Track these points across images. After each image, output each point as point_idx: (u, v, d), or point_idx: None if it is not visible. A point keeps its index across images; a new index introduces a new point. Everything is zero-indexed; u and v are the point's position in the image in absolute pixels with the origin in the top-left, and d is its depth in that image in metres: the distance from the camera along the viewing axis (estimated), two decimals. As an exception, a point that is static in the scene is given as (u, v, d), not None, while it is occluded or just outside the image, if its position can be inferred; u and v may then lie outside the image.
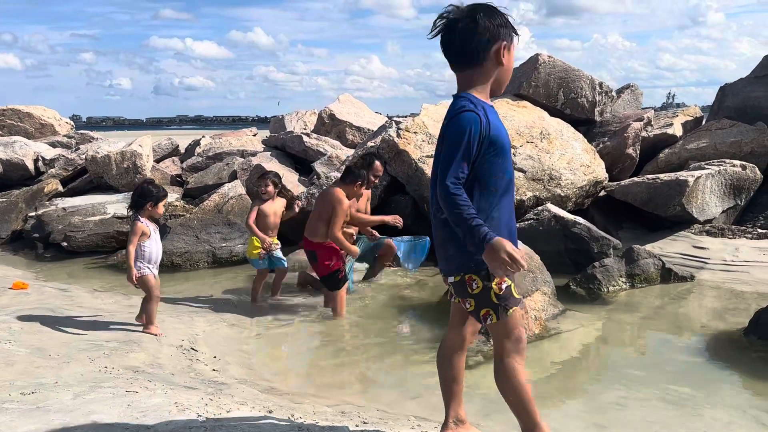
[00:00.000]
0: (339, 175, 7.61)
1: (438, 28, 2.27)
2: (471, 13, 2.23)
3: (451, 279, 2.36)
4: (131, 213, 4.49)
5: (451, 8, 2.26)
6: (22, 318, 4.43)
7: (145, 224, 4.36)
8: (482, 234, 2.14)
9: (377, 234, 6.25)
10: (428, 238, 4.46)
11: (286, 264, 5.79)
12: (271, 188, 5.65)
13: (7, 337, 3.90)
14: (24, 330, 4.11)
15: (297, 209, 5.88)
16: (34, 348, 3.72)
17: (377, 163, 5.99)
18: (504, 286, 2.28)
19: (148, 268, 4.37)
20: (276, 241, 5.67)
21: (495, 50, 2.24)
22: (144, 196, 4.39)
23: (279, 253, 5.69)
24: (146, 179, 5.04)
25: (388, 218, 6.05)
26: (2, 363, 3.38)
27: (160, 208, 4.48)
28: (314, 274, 5.65)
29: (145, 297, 4.40)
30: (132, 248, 4.28)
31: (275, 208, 5.69)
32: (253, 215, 5.60)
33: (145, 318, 4.40)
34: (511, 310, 2.28)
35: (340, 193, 5.22)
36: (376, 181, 6.12)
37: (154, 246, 4.41)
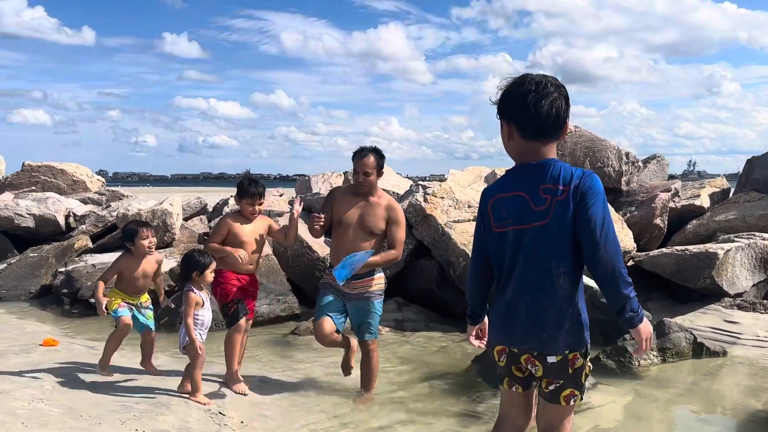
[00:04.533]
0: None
1: (532, 100, 2.24)
2: (560, 87, 2.27)
3: (552, 359, 2.27)
4: (183, 284, 4.41)
5: (542, 79, 2.26)
6: (54, 376, 4.45)
7: (197, 294, 4.31)
8: (639, 306, 2.21)
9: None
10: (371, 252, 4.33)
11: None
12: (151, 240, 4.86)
13: (39, 396, 3.91)
14: (55, 389, 4.13)
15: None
16: (66, 408, 3.73)
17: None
18: (589, 366, 2.31)
19: (200, 335, 4.31)
20: (145, 297, 4.96)
21: (566, 126, 2.33)
22: (190, 267, 4.34)
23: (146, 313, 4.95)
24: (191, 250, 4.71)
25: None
26: (36, 423, 3.39)
27: (208, 276, 4.38)
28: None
29: (190, 364, 4.32)
30: (190, 320, 4.22)
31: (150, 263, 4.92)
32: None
33: (190, 386, 4.30)
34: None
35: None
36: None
37: (207, 314, 4.36)
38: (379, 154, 4.49)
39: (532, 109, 2.23)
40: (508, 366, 2.41)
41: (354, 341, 4.82)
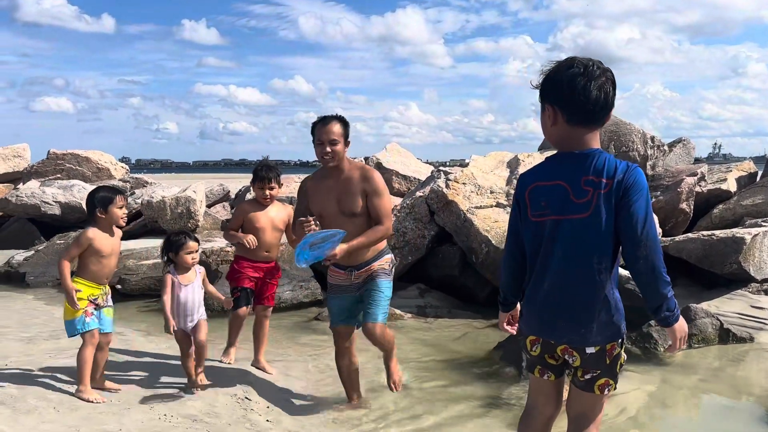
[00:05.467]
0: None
1: (580, 83, 2.18)
2: (608, 71, 2.21)
3: (590, 350, 2.26)
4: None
5: (589, 62, 2.20)
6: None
7: (174, 276, 4.12)
8: (676, 305, 2.21)
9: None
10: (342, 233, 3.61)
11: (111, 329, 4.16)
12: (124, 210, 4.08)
13: (70, 381, 3.99)
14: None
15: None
16: (96, 393, 3.80)
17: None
18: (624, 356, 2.32)
19: (185, 320, 4.14)
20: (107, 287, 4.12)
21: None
22: (164, 248, 4.21)
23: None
24: (177, 231, 4.52)
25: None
26: (67, 408, 3.47)
27: (184, 257, 4.12)
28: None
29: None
30: (165, 297, 4.05)
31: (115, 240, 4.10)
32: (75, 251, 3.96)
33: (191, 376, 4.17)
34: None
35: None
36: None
37: (190, 297, 4.14)
38: (343, 122, 3.97)
39: (581, 92, 2.16)
40: (542, 355, 2.39)
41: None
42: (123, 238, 9.72)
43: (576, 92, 2.17)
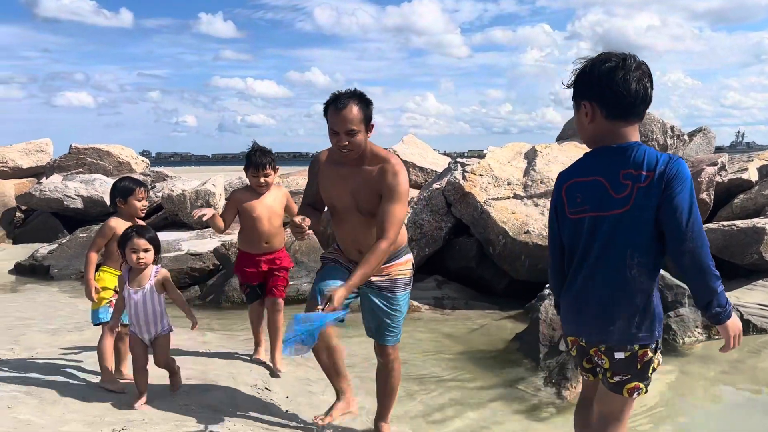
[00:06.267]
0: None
1: (617, 77, 2.13)
2: (643, 65, 2.16)
3: (620, 355, 2.19)
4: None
5: (625, 56, 2.16)
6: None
7: (124, 276, 3.60)
8: (728, 301, 2.12)
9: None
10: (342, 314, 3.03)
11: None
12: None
13: (95, 371, 4.08)
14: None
15: None
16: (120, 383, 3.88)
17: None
18: (658, 360, 2.25)
19: (132, 326, 3.60)
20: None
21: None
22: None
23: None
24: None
25: None
26: (92, 398, 3.55)
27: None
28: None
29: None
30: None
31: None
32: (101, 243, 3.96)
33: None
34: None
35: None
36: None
37: (131, 307, 3.54)
38: (363, 101, 3.14)
39: (620, 85, 2.11)
40: (579, 357, 2.38)
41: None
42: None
43: (614, 86, 2.12)
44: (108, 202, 11.00)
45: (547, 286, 5.50)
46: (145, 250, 3.51)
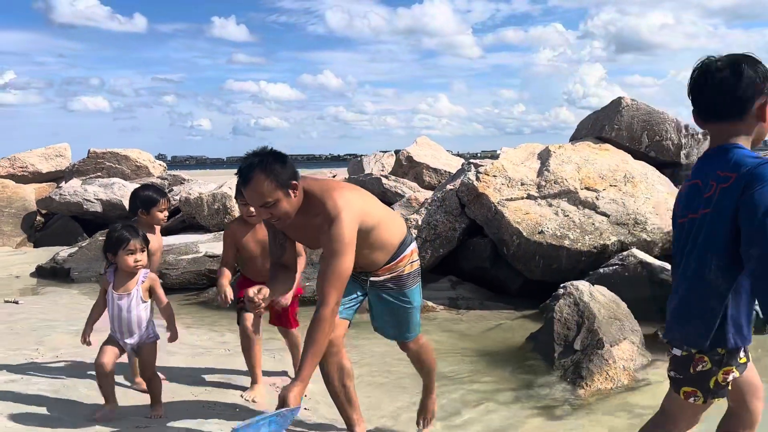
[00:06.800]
0: (417, 216, 7.78)
1: (696, 78, 2.15)
2: (733, 64, 2.11)
3: (676, 352, 2.18)
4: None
5: (710, 59, 2.14)
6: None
7: (109, 279, 3.36)
8: None
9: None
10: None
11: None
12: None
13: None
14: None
15: None
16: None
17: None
18: (731, 377, 2.15)
19: (114, 333, 3.39)
20: None
21: (759, 105, 2.10)
22: (104, 246, 3.43)
23: None
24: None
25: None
26: (117, 396, 3.64)
27: (124, 260, 3.28)
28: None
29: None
30: (93, 310, 3.46)
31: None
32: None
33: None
34: (717, 399, 2.19)
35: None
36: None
37: (114, 312, 3.34)
38: (272, 164, 2.74)
39: (696, 87, 2.15)
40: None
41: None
42: (162, 234, 10.01)
43: (693, 87, 2.16)
44: (127, 207, 11.20)
45: (562, 285, 5.54)
46: (142, 251, 3.31)
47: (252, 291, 2.84)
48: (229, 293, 3.72)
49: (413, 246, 3.26)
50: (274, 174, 2.72)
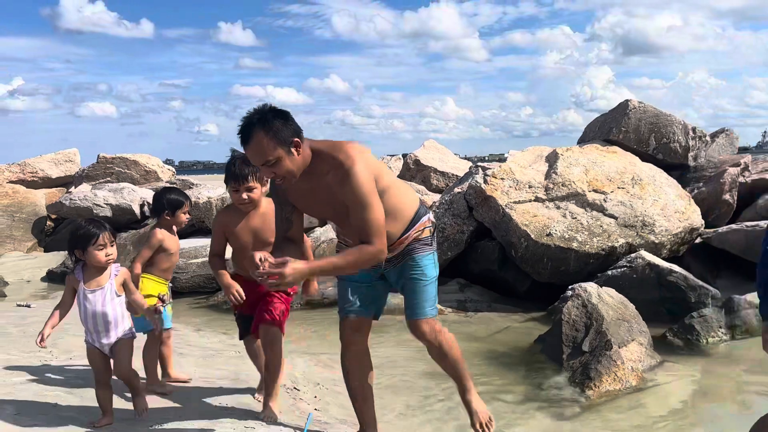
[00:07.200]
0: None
1: None
2: None
3: None
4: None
5: None
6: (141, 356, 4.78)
7: (77, 276, 3.17)
8: None
9: None
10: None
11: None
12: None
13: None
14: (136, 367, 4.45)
15: None
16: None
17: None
18: None
19: (88, 334, 3.21)
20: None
21: None
22: (70, 245, 3.19)
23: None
24: None
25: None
26: (127, 399, 3.69)
27: (94, 255, 3.09)
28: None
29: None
30: (55, 312, 3.21)
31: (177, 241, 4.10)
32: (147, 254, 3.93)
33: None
34: None
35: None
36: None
37: (87, 310, 3.15)
38: (271, 122, 2.64)
39: None
40: None
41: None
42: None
43: None
44: (137, 211, 11.30)
45: (570, 287, 5.56)
46: (111, 244, 3.13)
47: (259, 255, 2.60)
48: (241, 290, 3.44)
49: (425, 219, 3.01)
50: (274, 131, 2.63)
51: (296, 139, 2.68)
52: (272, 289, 3.13)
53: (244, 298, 3.43)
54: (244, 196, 3.44)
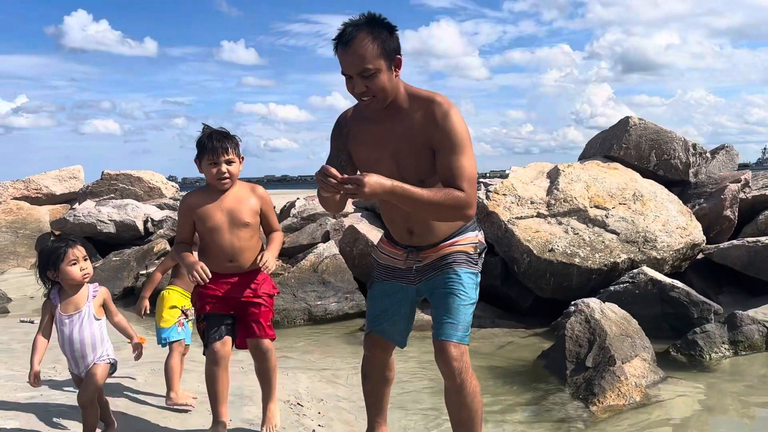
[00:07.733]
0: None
1: None
2: None
3: None
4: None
5: None
6: (144, 371, 4.79)
7: (52, 300, 2.99)
8: None
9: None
10: None
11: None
12: None
13: (134, 388, 4.25)
14: (147, 382, 4.46)
15: None
16: (159, 399, 4.04)
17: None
18: None
19: (69, 363, 3.07)
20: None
21: None
22: (40, 267, 2.99)
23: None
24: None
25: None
26: (135, 412, 3.71)
27: (69, 272, 2.92)
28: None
29: None
30: (36, 338, 3.01)
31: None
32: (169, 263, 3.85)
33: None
34: None
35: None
36: None
37: (64, 334, 2.97)
38: (380, 29, 2.43)
39: None
40: None
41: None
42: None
43: None
44: (140, 227, 11.33)
45: (573, 303, 5.57)
46: (85, 259, 2.96)
47: (330, 169, 2.29)
48: (206, 267, 2.99)
49: (480, 234, 2.81)
50: (381, 39, 2.40)
51: (399, 56, 2.46)
52: (266, 271, 3.08)
53: (210, 276, 2.99)
54: (224, 169, 3.11)
